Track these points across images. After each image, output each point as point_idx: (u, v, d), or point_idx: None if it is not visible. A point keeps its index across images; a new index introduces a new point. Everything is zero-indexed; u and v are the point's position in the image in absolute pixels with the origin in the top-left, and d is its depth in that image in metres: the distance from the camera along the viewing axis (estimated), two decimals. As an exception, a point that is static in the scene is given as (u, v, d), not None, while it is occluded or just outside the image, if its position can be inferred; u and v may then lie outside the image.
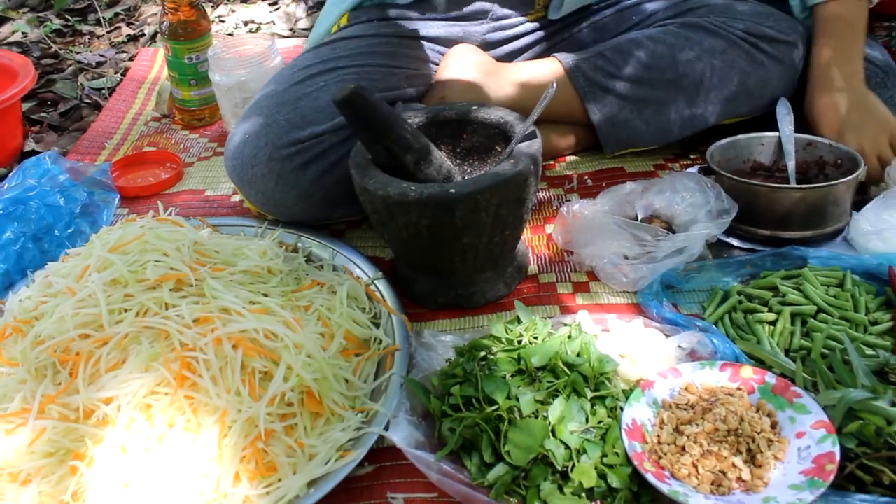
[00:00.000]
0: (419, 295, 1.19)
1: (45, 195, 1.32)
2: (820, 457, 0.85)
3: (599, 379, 0.96)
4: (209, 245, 1.09)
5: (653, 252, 1.17)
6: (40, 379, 0.95)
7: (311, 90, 1.29)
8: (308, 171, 1.23)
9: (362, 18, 1.49)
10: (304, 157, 1.23)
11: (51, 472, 0.90)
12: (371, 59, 1.39)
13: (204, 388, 0.90)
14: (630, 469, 0.87)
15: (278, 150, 1.22)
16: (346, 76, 1.34)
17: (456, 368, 0.98)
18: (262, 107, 1.27)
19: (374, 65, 1.38)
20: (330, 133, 1.24)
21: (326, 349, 1.00)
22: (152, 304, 0.96)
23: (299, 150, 1.23)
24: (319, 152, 1.24)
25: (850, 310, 1.07)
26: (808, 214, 1.21)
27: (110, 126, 1.87)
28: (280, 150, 1.22)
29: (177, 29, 1.74)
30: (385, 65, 1.39)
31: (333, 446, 0.91)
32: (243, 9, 2.68)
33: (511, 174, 1.04)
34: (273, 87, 1.33)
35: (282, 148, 1.22)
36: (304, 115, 1.25)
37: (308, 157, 1.23)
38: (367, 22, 1.48)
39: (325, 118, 1.25)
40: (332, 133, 1.24)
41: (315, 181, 1.24)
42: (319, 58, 1.38)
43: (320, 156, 1.24)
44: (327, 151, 1.24)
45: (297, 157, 1.23)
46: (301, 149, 1.23)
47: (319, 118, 1.25)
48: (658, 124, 1.43)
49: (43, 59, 2.28)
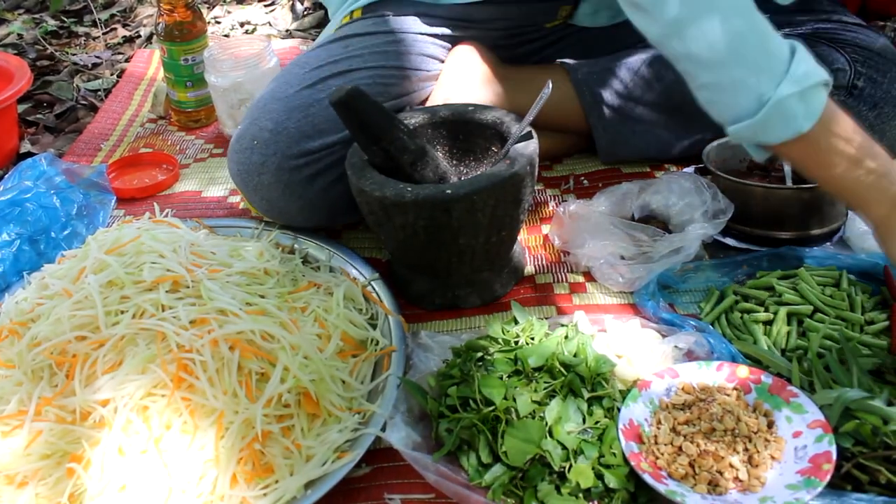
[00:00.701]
0: (416, 296, 1.19)
1: (41, 197, 1.32)
2: (816, 456, 0.85)
3: (596, 379, 0.96)
4: (206, 246, 1.09)
5: (649, 252, 1.17)
6: (37, 381, 0.95)
7: (323, 96, 1.24)
8: (315, 182, 1.21)
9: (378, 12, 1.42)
10: (313, 169, 1.20)
11: (47, 474, 0.90)
12: (384, 61, 1.34)
13: (201, 389, 0.89)
14: (627, 469, 0.87)
15: (287, 160, 1.19)
16: (359, 80, 1.29)
17: (453, 369, 0.98)
18: (272, 110, 1.23)
19: (388, 66, 1.34)
20: (340, 144, 1.21)
21: (323, 350, 1.00)
22: (149, 305, 0.96)
23: (308, 161, 1.20)
24: (329, 164, 1.21)
25: (846, 309, 1.07)
26: (803, 214, 1.21)
27: (106, 128, 1.87)
28: (289, 160, 1.19)
29: (172, 30, 1.74)
30: (399, 66, 1.35)
31: (330, 447, 0.91)
32: (239, 10, 2.68)
33: (507, 175, 1.04)
34: (283, 87, 1.27)
35: (291, 159, 1.19)
36: (315, 124, 1.21)
37: (317, 169, 1.21)
38: (380, 17, 1.41)
39: (336, 128, 1.20)
40: (342, 144, 1.21)
41: (321, 193, 1.22)
42: (331, 57, 1.32)
43: (329, 167, 1.21)
44: (336, 163, 1.21)
45: (306, 169, 1.20)
46: (311, 160, 1.20)
47: (330, 127, 1.21)
48: (658, 146, 1.43)
49: (39, 61, 2.28)
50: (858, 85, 1.39)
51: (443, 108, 1.24)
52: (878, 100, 1.38)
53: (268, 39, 1.76)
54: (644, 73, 1.40)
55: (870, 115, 1.38)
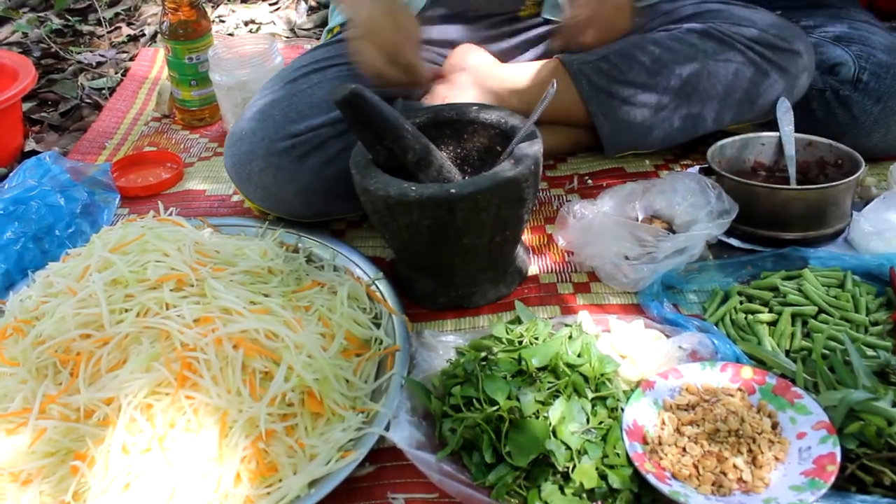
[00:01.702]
0: (420, 295, 1.19)
1: (46, 195, 1.32)
2: (821, 457, 0.85)
3: (600, 379, 0.96)
4: (210, 245, 1.09)
5: (653, 252, 1.17)
6: (41, 379, 0.95)
7: (305, 87, 1.32)
8: (306, 163, 1.24)
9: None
10: (301, 150, 1.24)
11: (52, 472, 0.90)
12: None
13: (205, 388, 0.90)
14: (631, 470, 0.87)
15: (274, 143, 1.23)
16: (339, 73, 1.35)
17: (457, 369, 0.98)
18: (257, 105, 1.30)
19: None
20: (326, 126, 1.26)
21: (327, 349, 1.00)
22: (153, 304, 0.96)
23: (295, 143, 1.24)
24: (316, 144, 1.25)
25: (850, 310, 1.07)
26: (808, 215, 1.21)
27: (111, 126, 1.87)
28: (276, 143, 1.23)
29: (177, 29, 1.74)
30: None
31: (334, 446, 0.91)
32: (244, 9, 2.68)
33: (512, 174, 1.04)
34: (268, 88, 1.36)
35: (278, 141, 1.24)
36: (299, 110, 1.27)
37: (305, 150, 1.24)
38: None
39: (319, 112, 1.26)
40: (328, 126, 1.26)
41: (314, 173, 1.25)
42: (314, 58, 1.41)
43: (317, 148, 1.25)
44: (325, 144, 1.25)
45: (294, 150, 1.24)
46: (297, 142, 1.24)
47: (314, 112, 1.27)
48: (661, 129, 1.43)
49: (43, 59, 2.28)
50: (863, 79, 1.41)
51: (446, 107, 1.24)
52: (883, 94, 1.40)
53: (272, 38, 1.76)
54: (640, 58, 1.40)
55: (874, 108, 1.39)
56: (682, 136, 1.44)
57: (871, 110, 1.40)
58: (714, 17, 1.43)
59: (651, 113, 1.41)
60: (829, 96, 1.44)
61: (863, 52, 1.44)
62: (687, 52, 1.39)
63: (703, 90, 1.39)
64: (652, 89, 1.40)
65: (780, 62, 1.39)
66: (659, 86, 1.40)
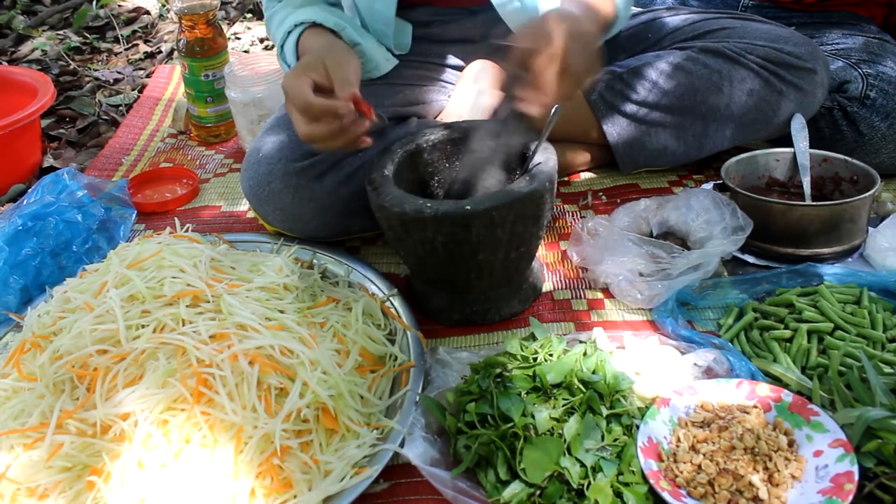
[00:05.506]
0: (434, 311, 1.19)
1: (64, 211, 1.33)
2: (838, 476, 0.84)
3: (615, 396, 0.96)
4: (226, 261, 1.10)
5: (668, 269, 1.17)
6: (58, 394, 0.96)
7: None
8: (324, 182, 1.25)
9: None
10: (319, 170, 1.25)
11: (68, 486, 0.90)
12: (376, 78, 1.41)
13: (220, 404, 0.90)
14: (646, 487, 0.86)
15: (292, 164, 1.24)
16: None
17: (471, 385, 0.98)
18: (274, 127, 1.31)
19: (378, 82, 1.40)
20: None
21: (342, 366, 1.00)
22: (169, 320, 0.97)
23: (313, 162, 1.24)
24: (332, 163, 1.26)
25: (867, 327, 1.06)
26: (823, 231, 1.20)
27: (127, 142, 1.89)
28: (294, 164, 1.24)
29: (193, 46, 1.76)
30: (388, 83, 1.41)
31: (349, 463, 0.91)
32: (259, 26, 2.70)
33: (526, 191, 1.04)
34: (282, 108, 1.36)
35: (295, 162, 1.24)
36: None
37: (322, 169, 1.25)
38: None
39: None
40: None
41: (331, 192, 1.25)
42: None
43: (334, 167, 1.26)
44: (340, 163, 1.26)
45: (312, 170, 1.24)
46: (315, 161, 1.25)
47: None
48: (674, 148, 1.43)
49: (62, 77, 2.31)
50: (871, 96, 1.41)
51: (463, 123, 1.25)
52: (891, 110, 1.40)
53: (287, 55, 1.77)
54: (652, 77, 1.41)
55: (882, 125, 1.40)
56: (696, 154, 1.45)
57: (878, 126, 1.40)
58: (728, 36, 1.43)
59: (665, 132, 1.42)
60: (837, 114, 1.45)
61: (871, 68, 1.44)
62: (701, 73, 1.39)
63: (718, 110, 1.39)
64: (666, 109, 1.40)
65: (795, 80, 1.38)
66: (672, 106, 1.40)
